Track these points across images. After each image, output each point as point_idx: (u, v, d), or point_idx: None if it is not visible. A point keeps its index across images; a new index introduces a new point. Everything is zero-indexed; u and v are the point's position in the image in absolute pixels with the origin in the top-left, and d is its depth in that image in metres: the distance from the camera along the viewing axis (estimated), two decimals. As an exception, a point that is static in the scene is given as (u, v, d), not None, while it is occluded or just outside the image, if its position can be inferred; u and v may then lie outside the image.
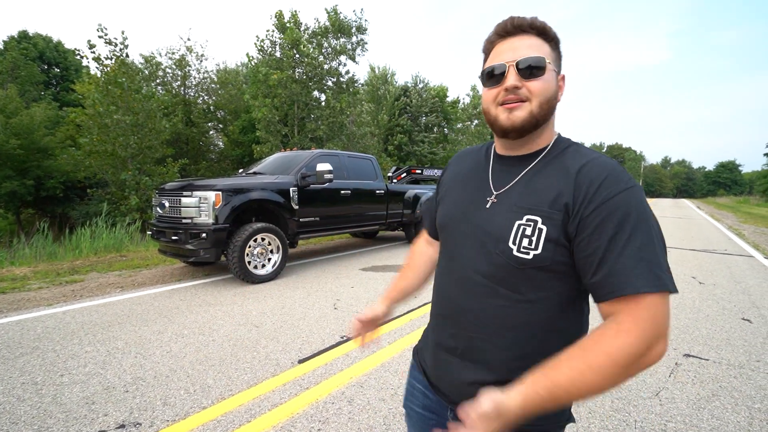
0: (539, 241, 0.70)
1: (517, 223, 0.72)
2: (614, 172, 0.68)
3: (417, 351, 1.00)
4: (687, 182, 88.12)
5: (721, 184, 75.67)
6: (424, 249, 1.09)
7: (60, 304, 3.95)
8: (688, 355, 2.81)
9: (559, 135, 0.80)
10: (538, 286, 0.72)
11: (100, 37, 10.95)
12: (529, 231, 0.71)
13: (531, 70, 0.72)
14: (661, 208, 22.36)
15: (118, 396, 2.21)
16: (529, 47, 0.73)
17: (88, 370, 2.51)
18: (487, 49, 0.80)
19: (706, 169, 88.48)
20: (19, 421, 1.97)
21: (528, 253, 0.70)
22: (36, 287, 4.56)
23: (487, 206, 0.79)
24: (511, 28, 0.75)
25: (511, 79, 0.73)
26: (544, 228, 0.69)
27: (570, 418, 0.82)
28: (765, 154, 35.83)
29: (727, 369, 2.61)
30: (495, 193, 0.79)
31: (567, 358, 0.64)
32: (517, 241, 0.71)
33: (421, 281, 1.10)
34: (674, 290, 0.63)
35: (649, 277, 0.62)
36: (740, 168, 78.01)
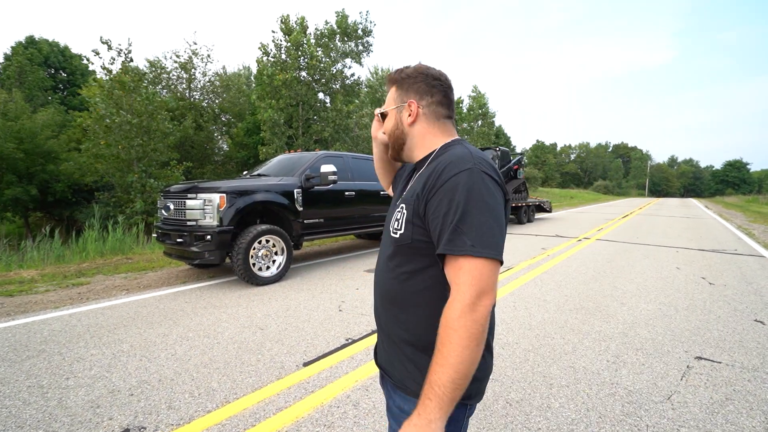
0: (402, 222, 0.89)
1: (395, 211, 0.94)
2: (457, 160, 0.83)
3: None
4: (694, 181, 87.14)
5: (730, 183, 74.72)
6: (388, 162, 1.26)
7: (66, 306, 3.97)
8: (700, 358, 2.76)
9: (444, 144, 0.96)
10: (409, 261, 0.89)
11: (103, 43, 11.08)
12: (399, 216, 0.91)
13: (383, 113, 1.06)
14: (669, 207, 22.13)
15: (123, 399, 2.20)
16: (388, 97, 1.04)
17: (94, 373, 2.51)
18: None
19: (714, 168, 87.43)
20: (24, 425, 1.97)
21: (396, 233, 0.90)
22: (43, 290, 4.59)
23: (396, 202, 1.00)
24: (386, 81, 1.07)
25: (374, 126, 1.15)
26: (405, 212, 0.89)
27: (471, 396, 0.89)
28: (774, 153, 35.30)
29: (741, 372, 2.56)
30: (401, 195, 1.00)
31: (435, 355, 0.76)
32: (392, 225, 0.93)
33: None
34: (486, 255, 0.74)
35: (459, 243, 0.75)
36: (748, 167, 77.02)
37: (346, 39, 15.95)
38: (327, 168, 5.36)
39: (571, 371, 2.56)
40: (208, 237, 4.44)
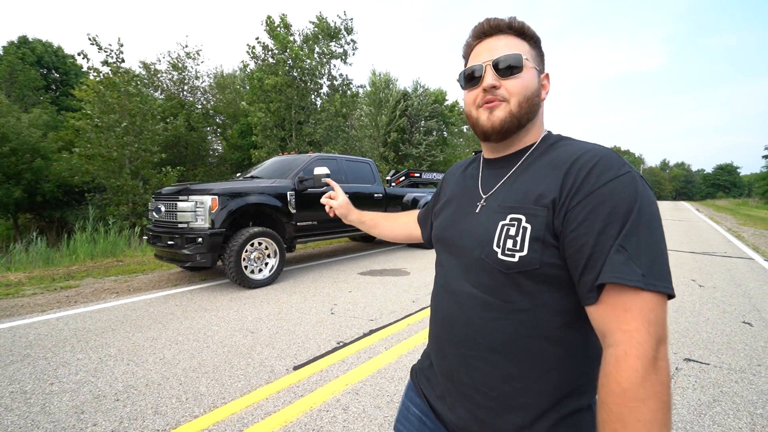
0: (524, 241, 0.63)
1: (501, 223, 0.67)
2: (606, 158, 0.61)
3: (416, 372, 0.92)
4: (686, 185, 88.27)
5: (720, 186, 75.81)
6: (409, 221, 1.13)
7: (54, 310, 3.91)
8: (689, 360, 2.77)
9: (548, 132, 0.77)
10: (529, 294, 0.64)
11: (92, 44, 10.95)
12: (513, 231, 0.64)
13: (509, 68, 0.70)
14: (661, 210, 22.34)
15: (108, 405, 2.17)
16: (506, 46, 0.71)
17: (79, 378, 2.47)
18: (467, 53, 0.78)
19: (705, 172, 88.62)
20: (6, 432, 1.93)
21: (513, 256, 0.63)
22: (30, 293, 4.52)
23: (477, 211, 0.75)
24: (488, 29, 0.74)
25: (489, 78, 0.71)
26: (529, 226, 0.63)
27: None
28: (764, 157, 35.90)
29: (728, 373, 2.58)
30: (484, 197, 0.75)
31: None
32: (501, 243, 0.65)
33: (386, 233, 1.18)
34: (662, 289, 0.54)
35: (626, 271, 0.54)
36: (739, 170, 78.23)
37: (328, 41, 16.03)
38: (320, 170, 5.31)
39: None
40: (200, 239, 4.40)
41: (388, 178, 10.12)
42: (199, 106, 20.92)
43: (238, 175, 6.65)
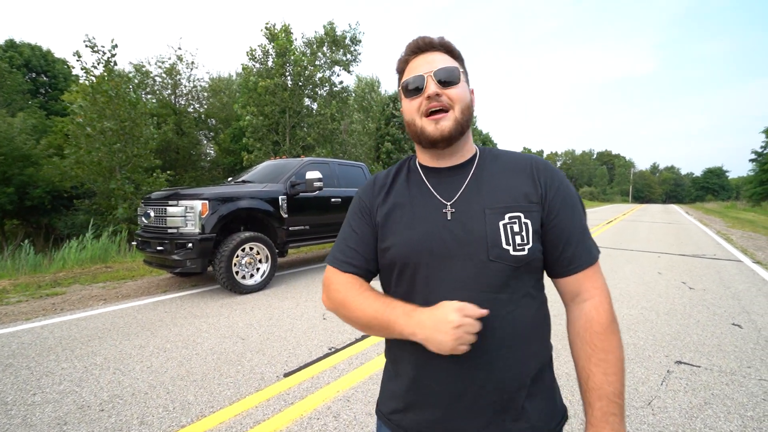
0: (529, 234, 0.73)
1: (501, 223, 0.73)
2: (551, 165, 0.80)
3: (389, 415, 0.82)
4: (675, 188, 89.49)
5: (709, 189, 76.94)
6: (364, 283, 0.84)
7: (39, 318, 3.82)
8: (680, 362, 2.78)
9: (478, 146, 0.86)
10: (529, 279, 0.76)
11: (87, 46, 10.83)
12: (516, 228, 0.73)
13: (447, 79, 0.76)
14: (651, 213, 22.62)
15: (93, 415, 2.11)
16: (442, 60, 0.78)
17: (63, 388, 2.40)
18: (401, 68, 0.83)
19: (694, 175, 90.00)
20: (-16, 445, 1.87)
21: (524, 249, 0.73)
22: (15, 300, 4.42)
23: (449, 218, 0.76)
24: (423, 45, 0.80)
25: (432, 87, 0.76)
26: (529, 222, 0.73)
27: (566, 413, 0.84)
28: (751, 160, 36.50)
29: (719, 376, 2.59)
30: (448, 203, 0.77)
31: (588, 365, 0.72)
32: (510, 241, 0.72)
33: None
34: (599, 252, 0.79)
35: (595, 248, 0.77)
36: (727, 174, 79.46)
37: (334, 48, 16.04)
38: (312, 174, 5.32)
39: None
40: (190, 245, 4.34)
41: None
42: (191, 110, 20.79)
43: (229, 179, 6.60)
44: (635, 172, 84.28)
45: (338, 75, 16.51)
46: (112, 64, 11.24)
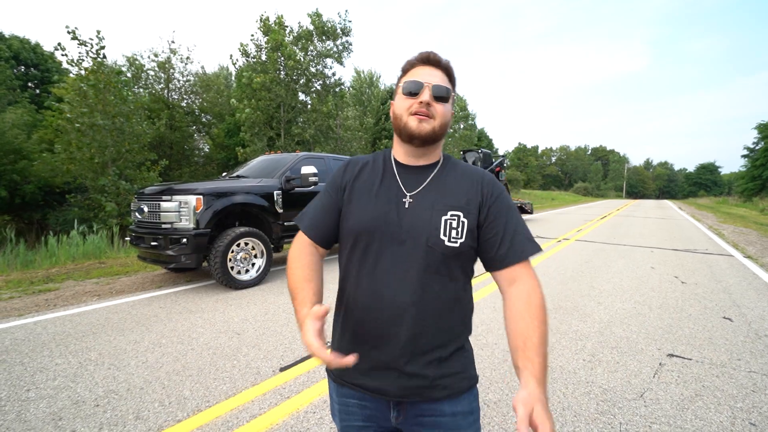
0: (463, 231, 0.89)
1: (443, 218, 0.90)
2: (496, 180, 0.99)
3: (336, 373, 0.97)
4: (669, 184, 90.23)
5: (702, 185, 77.67)
6: (315, 254, 1.00)
7: (32, 314, 3.79)
8: (672, 355, 2.82)
9: (444, 154, 1.02)
10: (458, 267, 0.92)
11: (73, 38, 10.56)
12: (454, 224, 0.89)
13: (441, 95, 0.92)
14: (645, 209, 22.81)
15: (88, 411, 2.10)
16: (441, 80, 0.93)
17: (57, 384, 2.39)
18: (407, 69, 0.97)
19: (687, 171, 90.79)
20: (-22, 441, 1.86)
21: (456, 242, 0.89)
22: (7, 297, 4.37)
23: (406, 206, 0.92)
24: (432, 60, 0.95)
25: (427, 96, 0.90)
26: (466, 221, 0.90)
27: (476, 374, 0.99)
28: (743, 156, 36.90)
29: (710, 368, 2.63)
30: (408, 194, 0.93)
31: (528, 329, 0.83)
32: (447, 233, 0.89)
33: (321, 287, 1.02)
34: (539, 249, 0.93)
35: (531, 245, 0.92)
36: (720, 170, 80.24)
37: (324, 39, 15.83)
38: (308, 169, 5.29)
39: (548, 371, 2.58)
40: (184, 240, 4.32)
41: None
42: (184, 104, 20.56)
43: (224, 174, 6.55)
44: (629, 168, 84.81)
45: (331, 68, 16.34)
46: (101, 57, 11.02)
